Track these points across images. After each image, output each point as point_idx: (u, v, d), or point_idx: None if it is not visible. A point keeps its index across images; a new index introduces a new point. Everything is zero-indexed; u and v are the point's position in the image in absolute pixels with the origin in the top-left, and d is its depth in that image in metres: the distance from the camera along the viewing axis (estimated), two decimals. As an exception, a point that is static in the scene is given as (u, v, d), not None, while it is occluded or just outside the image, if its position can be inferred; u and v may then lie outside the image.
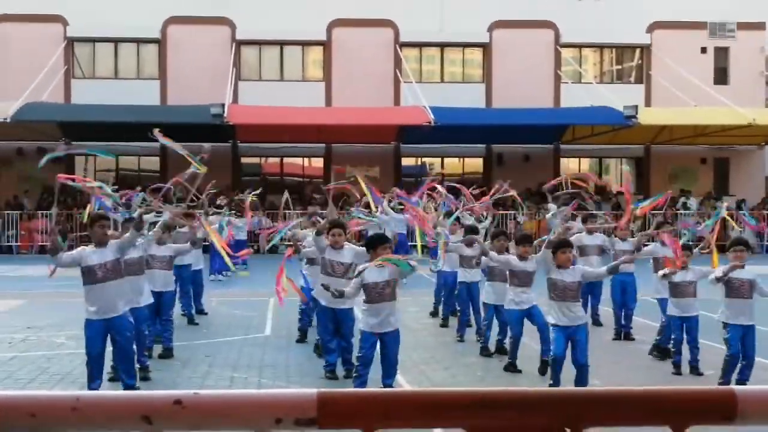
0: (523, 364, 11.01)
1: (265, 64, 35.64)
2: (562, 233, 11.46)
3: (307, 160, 36.01)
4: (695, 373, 10.74)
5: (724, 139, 33.53)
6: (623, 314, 13.57)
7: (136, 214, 10.27)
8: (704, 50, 36.09)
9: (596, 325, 14.28)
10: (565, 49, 35.63)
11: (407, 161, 35.69)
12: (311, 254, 11.68)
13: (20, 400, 1.96)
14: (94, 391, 8.31)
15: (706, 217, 31.45)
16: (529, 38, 35.23)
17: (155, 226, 12.12)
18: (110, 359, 9.74)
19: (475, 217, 16.05)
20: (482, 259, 12.37)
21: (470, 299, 13.33)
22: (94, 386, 8.99)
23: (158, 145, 32.99)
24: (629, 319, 13.55)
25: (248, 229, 23.70)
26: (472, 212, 16.00)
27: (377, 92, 33.96)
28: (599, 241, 14.18)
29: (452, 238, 14.00)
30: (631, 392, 2.08)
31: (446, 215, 14.56)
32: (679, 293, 10.74)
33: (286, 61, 35.63)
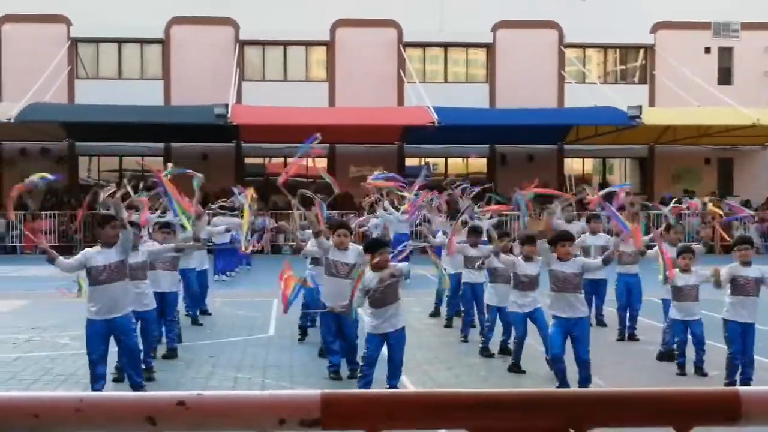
0: (527, 364, 10.99)
1: (268, 64, 35.66)
2: (545, 228, 11.45)
3: (310, 160, 35.90)
4: (700, 373, 10.72)
5: (727, 139, 33.51)
6: (628, 315, 13.55)
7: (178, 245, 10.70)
8: (708, 50, 36.06)
9: (600, 325, 14.26)
10: (568, 49, 35.63)
11: (411, 161, 35.62)
12: (316, 253, 11.60)
13: (23, 400, 1.97)
14: (97, 392, 8.33)
15: (710, 216, 31.50)
16: (532, 38, 35.22)
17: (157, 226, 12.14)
18: (113, 360, 9.75)
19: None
20: (485, 260, 12.32)
21: (474, 300, 13.32)
22: (97, 387, 8.99)
23: (162, 145, 33.40)
24: (634, 319, 13.52)
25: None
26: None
27: (380, 92, 33.97)
28: (602, 241, 14.14)
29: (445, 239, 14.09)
30: (634, 393, 2.08)
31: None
32: (682, 297, 10.71)
33: (289, 61, 35.65)
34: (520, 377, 10.67)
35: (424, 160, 36.29)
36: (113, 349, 9.34)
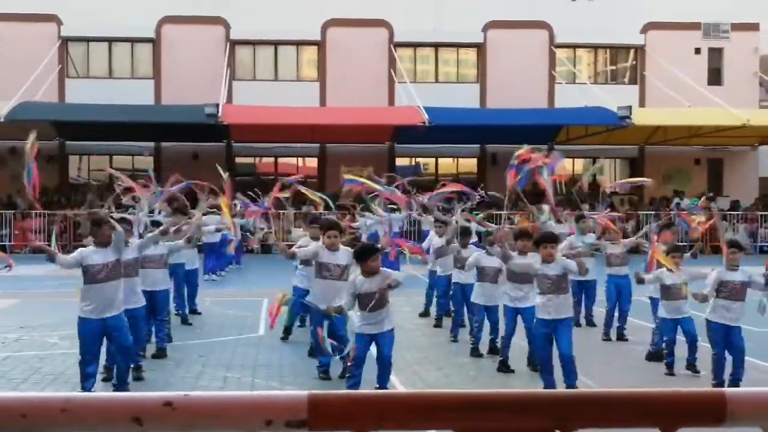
0: (515, 363, 11.01)
1: (259, 63, 35.64)
2: (533, 229, 11.51)
3: (301, 159, 35.98)
4: (693, 370, 10.70)
5: (717, 139, 33.61)
6: (617, 315, 13.56)
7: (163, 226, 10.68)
8: (698, 51, 36.17)
9: (590, 325, 14.31)
10: (559, 49, 35.68)
11: (401, 161, 35.66)
12: (305, 256, 11.60)
13: (10, 401, 1.96)
14: (84, 392, 8.30)
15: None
16: (523, 38, 35.27)
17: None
18: (102, 359, 9.72)
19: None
20: (469, 261, 12.21)
21: (464, 300, 13.28)
22: (87, 386, 8.97)
23: (152, 144, 33.34)
24: (624, 320, 13.54)
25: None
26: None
27: (371, 92, 33.96)
28: (591, 241, 14.15)
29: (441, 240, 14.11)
30: (620, 394, 2.08)
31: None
32: (670, 295, 10.72)
33: (280, 61, 35.64)
34: (509, 377, 10.69)
35: (414, 160, 36.37)
36: (103, 348, 9.33)
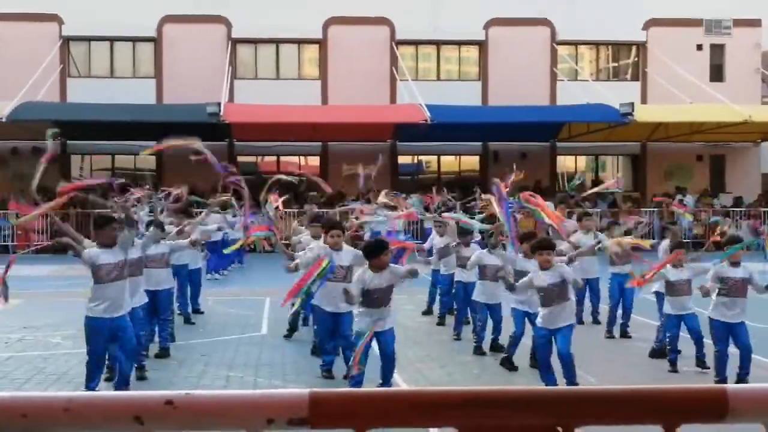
0: (518, 360, 10.99)
1: (260, 62, 35.63)
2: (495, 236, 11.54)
3: (303, 158, 35.97)
4: (702, 366, 10.67)
5: (719, 136, 33.57)
6: (621, 312, 13.53)
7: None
8: (700, 47, 36.12)
9: (595, 323, 14.27)
10: (561, 46, 35.65)
11: (403, 159, 35.67)
12: (307, 262, 11.66)
13: (12, 400, 1.96)
14: (86, 391, 8.31)
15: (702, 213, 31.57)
16: (525, 36, 35.25)
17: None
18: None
19: None
20: (472, 260, 12.21)
21: (467, 299, 13.24)
22: (93, 386, 8.97)
23: (154, 143, 33.22)
24: (627, 316, 13.51)
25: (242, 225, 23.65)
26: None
27: (373, 90, 33.94)
28: (593, 240, 14.14)
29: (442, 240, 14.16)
30: (622, 391, 2.08)
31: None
32: (675, 292, 10.69)
33: (281, 59, 35.62)
34: (512, 375, 10.67)
35: (416, 158, 36.36)
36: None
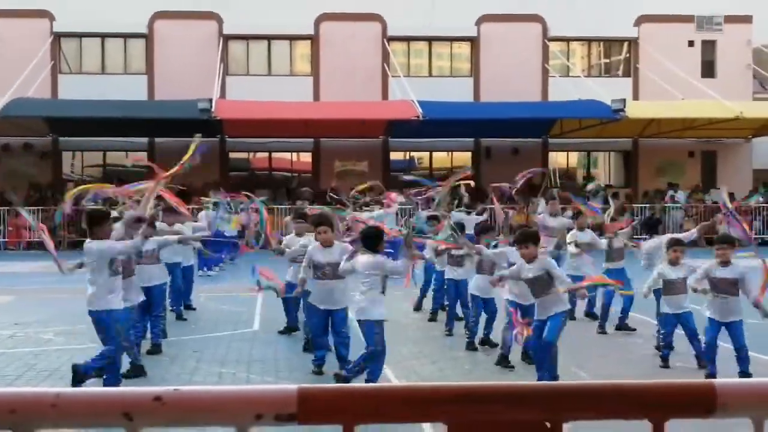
0: (511, 356, 10.97)
1: (252, 58, 35.58)
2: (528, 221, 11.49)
3: (295, 154, 35.98)
4: (701, 364, 10.64)
5: (711, 132, 33.65)
6: (621, 307, 13.46)
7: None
8: (691, 43, 36.18)
9: (592, 318, 14.23)
10: (552, 42, 35.68)
11: (395, 155, 35.69)
12: (292, 255, 11.71)
13: (0, 396, 1.96)
14: (76, 387, 8.31)
15: (693, 209, 31.63)
16: (517, 32, 35.27)
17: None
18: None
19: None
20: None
21: (458, 296, 13.23)
22: (120, 378, 9.23)
23: (146, 140, 33.28)
24: (625, 311, 13.42)
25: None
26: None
27: (365, 87, 33.94)
28: (588, 237, 14.15)
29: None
30: (611, 386, 2.08)
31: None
32: (672, 290, 10.62)
33: (273, 55, 35.58)
34: (504, 370, 10.64)
35: (408, 154, 36.37)
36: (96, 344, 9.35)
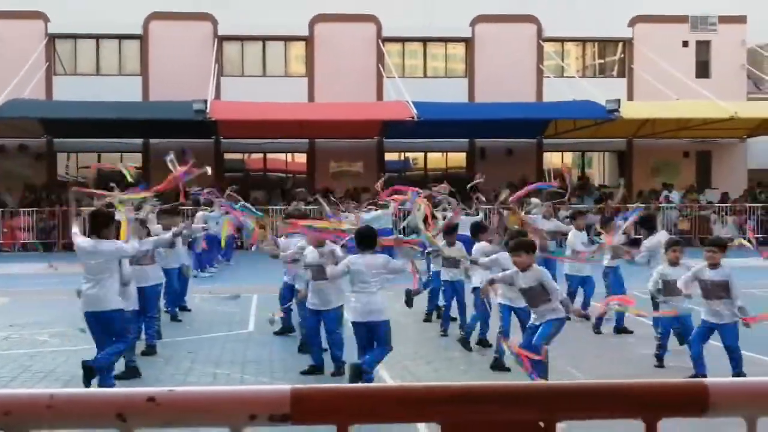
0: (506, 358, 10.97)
1: (247, 59, 35.55)
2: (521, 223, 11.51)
3: (290, 155, 35.95)
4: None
5: (706, 132, 33.68)
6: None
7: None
8: (686, 44, 36.20)
9: (586, 319, 14.23)
10: (547, 43, 35.69)
11: (390, 156, 35.68)
12: (286, 257, 11.73)
13: (-6, 398, 1.96)
14: (69, 388, 8.33)
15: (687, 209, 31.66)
16: (511, 32, 35.26)
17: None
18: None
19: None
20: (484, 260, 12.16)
21: (455, 297, 13.22)
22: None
23: (140, 141, 33.24)
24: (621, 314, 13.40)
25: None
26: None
27: (360, 87, 33.92)
28: (583, 238, 14.20)
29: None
30: (605, 385, 2.09)
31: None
32: (672, 291, 10.58)
33: (268, 56, 35.54)
34: (501, 372, 10.64)
35: (403, 154, 36.37)
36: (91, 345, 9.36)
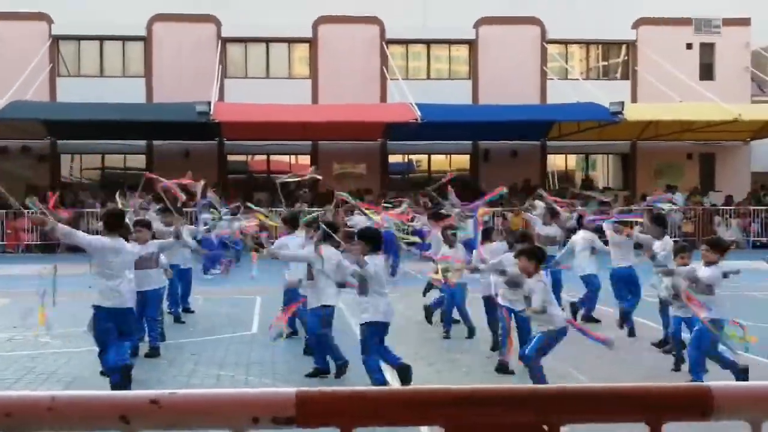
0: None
1: (251, 61, 35.57)
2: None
3: (293, 157, 35.95)
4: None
5: (709, 134, 33.64)
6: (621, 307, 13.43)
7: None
8: (690, 46, 36.18)
9: (573, 314, 14.19)
10: (551, 45, 35.67)
11: (394, 158, 35.70)
12: (289, 259, 11.69)
13: (-4, 400, 1.96)
14: (71, 391, 8.32)
15: (691, 211, 31.63)
16: (515, 34, 35.27)
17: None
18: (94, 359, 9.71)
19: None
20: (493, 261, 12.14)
21: (456, 299, 13.21)
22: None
23: (144, 142, 33.27)
24: (628, 314, 13.38)
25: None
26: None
27: (363, 89, 33.93)
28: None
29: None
30: (608, 389, 2.09)
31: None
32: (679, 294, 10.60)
33: (272, 58, 35.57)
34: (503, 374, 10.62)
35: (407, 156, 36.37)
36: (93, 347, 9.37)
